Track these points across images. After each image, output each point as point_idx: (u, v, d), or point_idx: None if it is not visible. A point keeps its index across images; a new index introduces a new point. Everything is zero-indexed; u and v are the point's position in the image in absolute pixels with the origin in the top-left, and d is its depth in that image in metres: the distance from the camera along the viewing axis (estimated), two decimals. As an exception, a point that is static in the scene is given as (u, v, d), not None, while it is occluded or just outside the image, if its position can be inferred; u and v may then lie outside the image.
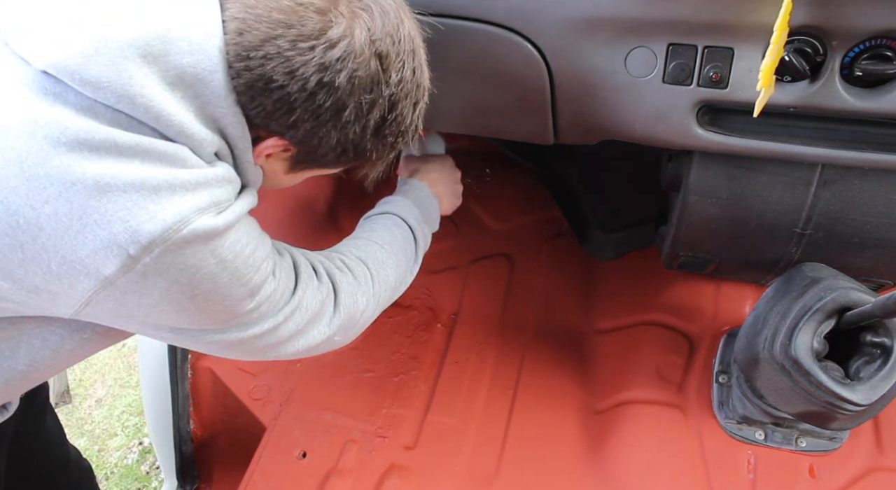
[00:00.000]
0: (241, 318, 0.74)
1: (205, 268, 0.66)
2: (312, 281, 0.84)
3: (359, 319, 0.90)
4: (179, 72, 0.64)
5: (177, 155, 0.65)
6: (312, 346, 0.85)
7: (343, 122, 0.70)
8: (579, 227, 1.72)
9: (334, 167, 0.80)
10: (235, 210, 0.69)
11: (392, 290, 0.97)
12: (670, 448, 1.22)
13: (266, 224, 1.55)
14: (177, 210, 0.63)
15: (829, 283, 1.00)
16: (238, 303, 0.71)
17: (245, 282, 0.70)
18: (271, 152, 0.74)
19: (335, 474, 1.27)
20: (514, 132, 1.08)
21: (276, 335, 0.79)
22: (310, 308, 0.82)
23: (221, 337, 0.74)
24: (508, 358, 1.46)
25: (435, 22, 0.93)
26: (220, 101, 0.67)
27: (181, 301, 0.67)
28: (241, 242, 0.69)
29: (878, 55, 0.81)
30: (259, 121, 0.69)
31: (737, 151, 0.94)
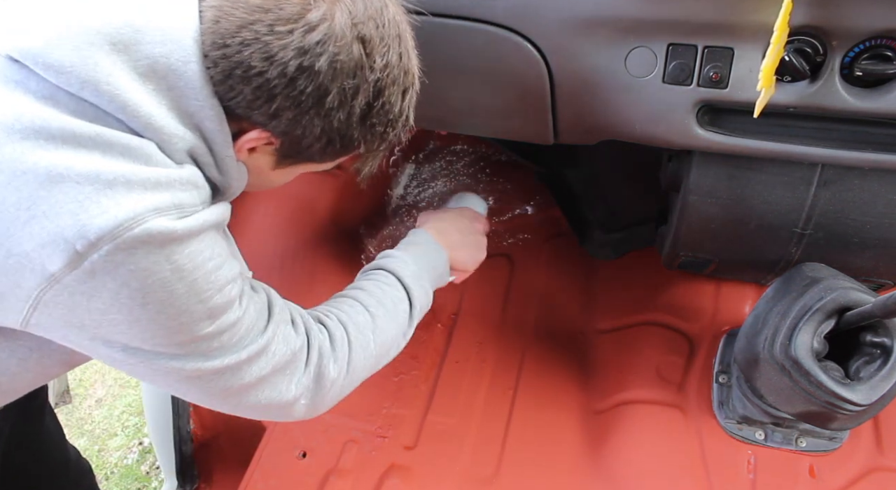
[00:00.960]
0: (200, 345, 0.68)
1: (158, 273, 0.61)
2: (286, 326, 0.78)
3: (328, 389, 0.82)
4: (151, 62, 0.62)
5: (141, 150, 0.62)
6: (276, 404, 0.77)
7: (326, 109, 0.67)
8: (579, 227, 1.72)
9: (323, 161, 0.76)
10: (200, 218, 0.64)
11: (374, 360, 0.89)
12: (670, 448, 1.22)
13: (266, 225, 1.56)
14: (131, 207, 0.59)
15: (829, 283, 1.00)
16: (196, 323, 0.65)
17: (204, 299, 0.65)
18: (254, 145, 0.70)
19: (335, 474, 1.27)
20: (514, 132, 1.08)
21: (237, 376, 0.72)
22: (278, 354, 0.75)
23: (177, 365, 0.68)
24: (508, 358, 1.46)
25: (435, 22, 0.93)
26: (196, 92, 0.64)
27: (132, 308, 0.62)
28: (203, 255, 0.64)
29: (878, 55, 0.81)
30: (240, 111, 0.67)
31: (737, 151, 0.94)
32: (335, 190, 1.63)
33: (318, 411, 0.83)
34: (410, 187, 1.89)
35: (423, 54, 0.99)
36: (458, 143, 1.92)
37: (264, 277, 1.47)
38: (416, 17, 0.77)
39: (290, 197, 1.58)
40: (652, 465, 1.21)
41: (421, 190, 1.88)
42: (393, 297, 0.92)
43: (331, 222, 1.63)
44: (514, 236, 1.74)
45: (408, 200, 1.86)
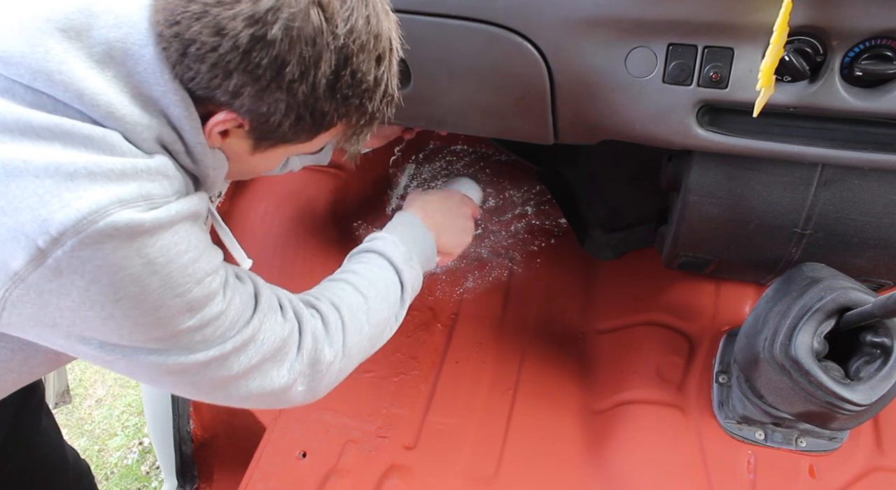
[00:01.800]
0: (181, 339, 0.65)
1: (129, 268, 0.58)
2: (275, 314, 0.75)
3: (325, 373, 0.80)
4: (107, 48, 0.60)
5: (105, 140, 0.59)
6: (269, 392, 0.75)
7: (287, 81, 0.63)
8: (579, 227, 1.72)
9: (301, 140, 0.71)
10: (172, 209, 0.61)
11: (368, 341, 0.87)
12: (670, 448, 1.22)
13: (266, 225, 1.56)
14: (94, 199, 0.56)
15: (829, 283, 1.00)
16: (174, 317, 0.63)
17: (181, 293, 0.62)
18: (224, 128, 0.67)
19: (335, 474, 1.27)
20: (514, 132, 1.08)
21: (225, 367, 0.69)
22: (267, 342, 0.73)
23: (159, 360, 0.65)
24: (508, 358, 1.46)
25: (435, 22, 0.93)
26: (156, 77, 0.61)
27: (104, 305, 0.59)
28: (177, 248, 0.62)
29: (878, 55, 0.81)
30: (202, 92, 0.63)
31: (737, 151, 0.94)
32: (335, 190, 1.63)
33: (318, 395, 0.81)
34: (410, 187, 1.89)
35: (423, 54, 0.99)
36: (458, 143, 1.92)
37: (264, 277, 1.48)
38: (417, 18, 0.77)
39: (289, 196, 1.58)
40: (652, 465, 1.21)
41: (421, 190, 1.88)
42: (384, 279, 0.90)
43: (331, 222, 1.63)
44: (514, 236, 1.74)
45: (408, 200, 1.86)
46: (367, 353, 0.88)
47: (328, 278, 0.91)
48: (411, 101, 1.05)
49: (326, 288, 0.87)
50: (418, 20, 0.93)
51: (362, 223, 1.68)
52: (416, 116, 1.12)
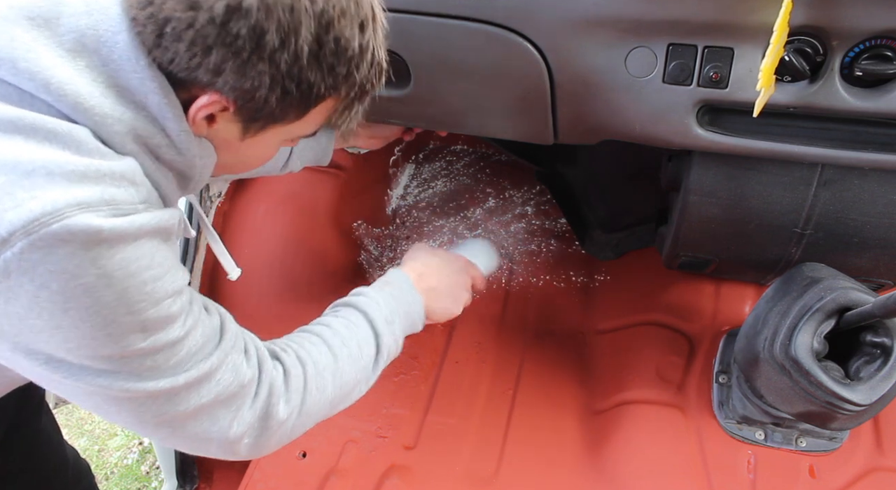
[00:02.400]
0: (131, 362, 0.60)
1: (82, 277, 0.54)
2: (238, 354, 0.70)
3: (275, 430, 0.74)
4: (78, 36, 0.57)
5: (70, 136, 0.56)
6: (215, 438, 0.69)
7: (269, 51, 0.60)
8: (579, 227, 1.72)
9: (290, 118, 0.68)
10: (136, 222, 0.57)
11: (329, 404, 0.81)
12: (670, 448, 1.22)
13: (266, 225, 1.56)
14: (50, 200, 0.53)
15: (829, 283, 1.00)
16: (125, 336, 0.59)
17: (136, 311, 0.58)
18: (209, 112, 0.64)
19: (335, 474, 1.27)
20: (514, 132, 1.08)
21: (173, 402, 0.64)
22: (223, 383, 0.67)
23: (105, 383, 0.60)
24: (508, 358, 1.46)
25: (435, 22, 0.93)
26: (132, 64, 0.58)
27: (53, 313, 0.55)
28: (138, 263, 0.57)
29: (878, 55, 0.81)
30: (183, 75, 0.60)
31: (737, 151, 0.94)
32: (335, 190, 1.63)
33: (263, 452, 0.75)
34: (410, 187, 1.89)
35: (423, 54, 0.99)
36: (458, 143, 1.92)
37: (264, 277, 1.48)
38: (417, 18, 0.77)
39: (290, 197, 1.58)
40: (652, 465, 1.21)
41: (421, 190, 1.88)
42: (359, 340, 0.85)
43: (331, 222, 1.63)
44: (514, 236, 1.74)
45: (408, 200, 1.86)
46: (326, 414, 0.82)
47: (302, 328, 0.85)
48: (411, 101, 1.05)
49: (297, 339, 0.82)
50: (418, 20, 0.93)
51: (362, 223, 1.68)
52: (416, 116, 1.12)
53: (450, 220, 1.79)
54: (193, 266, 1.39)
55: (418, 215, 1.81)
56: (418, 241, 1.74)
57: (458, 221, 1.79)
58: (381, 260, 1.70)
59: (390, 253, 1.73)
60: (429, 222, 1.79)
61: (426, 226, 1.78)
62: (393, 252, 1.73)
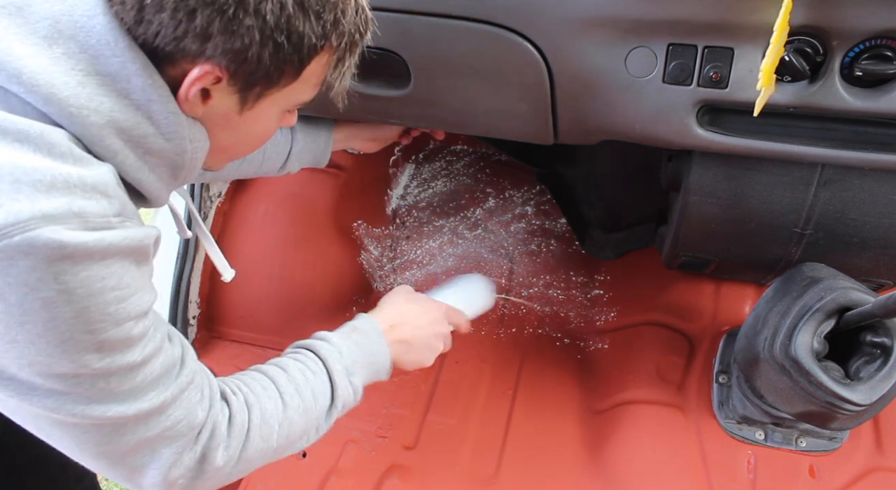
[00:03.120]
0: (83, 382, 0.57)
1: (41, 291, 0.52)
2: (194, 392, 0.67)
3: (211, 475, 0.70)
4: (53, 22, 0.55)
5: (42, 138, 0.53)
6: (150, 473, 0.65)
7: (253, 4, 0.58)
8: (579, 227, 1.72)
9: (287, 77, 0.65)
10: (106, 240, 0.54)
11: (272, 452, 0.77)
12: (670, 448, 1.22)
13: (266, 224, 1.56)
14: (14, 210, 0.50)
15: (829, 283, 1.00)
16: (81, 353, 0.56)
17: (95, 330, 0.56)
18: (202, 85, 0.61)
19: (335, 474, 1.27)
20: (514, 132, 1.08)
21: (119, 433, 0.61)
22: (173, 419, 0.64)
23: (54, 405, 0.58)
24: (508, 358, 1.46)
25: (435, 22, 0.93)
26: (111, 49, 0.56)
27: (10, 327, 0.53)
28: (104, 282, 0.55)
29: (878, 55, 0.81)
30: (171, 48, 0.58)
31: (737, 151, 0.94)
32: (335, 190, 1.63)
33: None
34: (410, 187, 1.89)
35: (423, 54, 0.99)
36: (458, 143, 1.92)
37: (264, 278, 1.48)
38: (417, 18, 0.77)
39: (289, 196, 1.58)
40: (652, 465, 1.21)
41: (421, 190, 1.88)
42: (314, 389, 0.81)
43: (331, 222, 1.63)
44: (514, 236, 1.74)
45: (408, 200, 1.86)
46: (268, 461, 0.78)
47: (257, 367, 0.82)
48: (411, 101, 1.05)
49: (248, 381, 0.78)
50: (418, 20, 0.93)
51: (362, 223, 1.68)
52: (416, 117, 1.12)
53: (450, 220, 1.79)
54: (193, 266, 1.39)
55: (418, 215, 1.81)
56: (418, 240, 1.74)
57: (458, 221, 1.79)
58: (381, 260, 1.70)
59: (390, 253, 1.73)
60: (429, 222, 1.79)
61: (426, 226, 1.78)
62: (393, 252, 1.73)
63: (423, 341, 0.95)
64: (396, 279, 1.67)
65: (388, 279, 1.67)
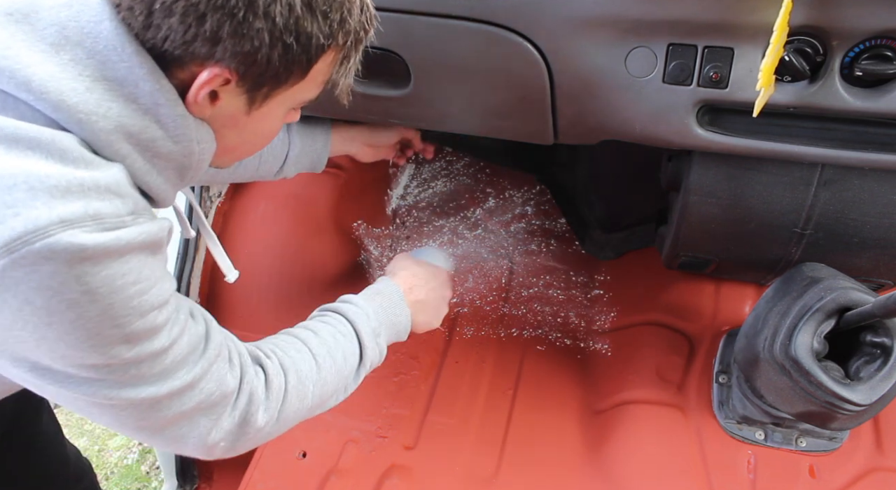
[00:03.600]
0: (115, 371, 0.60)
1: (65, 293, 0.54)
2: (222, 363, 0.70)
3: (252, 436, 0.74)
4: (59, 28, 0.56)
5: (54, 144, 0.54)
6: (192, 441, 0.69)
7: (263, 7, 0.58)
8: (579, 227, 1.72)
9: (294, 77, 0.66)
10: (123, 238, 0.56)
11: (308, 411, 0.82)
12: (670, 448, 1.22)
13: (266, 224, 1.56)
14: (32, 218, 0.51)
15: (829, 283, 1.00)
16: (110, 347, 0.58)
17: (121, 324, 0.57)
18: (211, 88, 0.61)
19: (335, 474, 1.27)
20: (514, 132, 1.08)
21: (155, 410, 0.64)
22: (206, 392, 0.67)
23: (90, 390, 0.60)
24: (508, 358, 1.46)
25: (435, 22, 0.93)
26: (118, 54, 0.56)
27: (38, 327, 0.55)
28: (124, 279, 0.56)
29: (878, 55, 0.81)
30: (180, 52, 0.58)
31: (737, 151, 0.94)
32: (335, 190, 1.63)
33: (238, 452, 0.76)
34: (410, 187, 1.89)
35: (423, 54, 0.99)
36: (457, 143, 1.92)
37: (264, 277, 1.48)
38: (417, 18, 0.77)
39: (290, 196, 1.58)
40: (652, 465, 1.21)
41: (421, 190, 1.88)
42: (344, 349, 0.85)
43: (331, 222, 1.63)
44: (514, 236, 1.74)
45: (408, 200, 1.86)
46: (301, 419, 0.82)
47: (286, 331, 0.85)
48: (411, 101, 1.05)
49: (281, 344, 0.81)
50: (418, 20, 0.93)
51: (362, 223, 1.68)
52: (416, 117, 1.12)
53: (450, 220, 1.79)
54: (193, 266, 1.39)
55: (418, 215, 1.81)
56: (418, 240, 1.74)
57: (458, 221, 1.79)
58: (381, 260, 1.70)
59: (390, 253, 1.72)
60: (429, 222, 1.79)
61: (426, 226, 1.78)
62: (393, 252, 1.73)
63: (435, 303, 1.01)
64: (396, 279, 1.67)
65: (388, 279, 1.67)
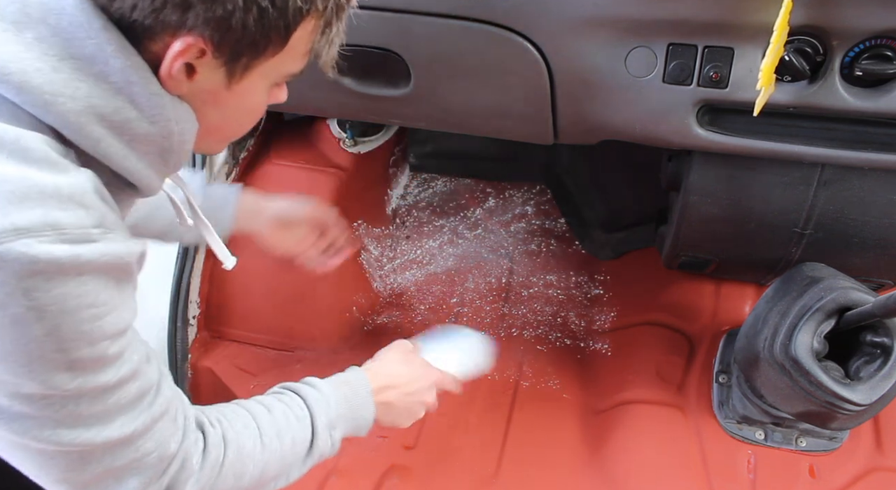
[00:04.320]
0: (50, 406, 0.54)
1: (10, 308, 0.49)
2: (168, 422, 0.63)
3: None
4: (21, 6, 0.52)
5: (17, 143, 0.50)
6: None
7: None
8: (579, 227, 1.72)
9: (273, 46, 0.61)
10: (84, 254, 0.51)
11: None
12: (670, 448, 1.22)
13: (266, 224, 1.55)
14: None
15: (829, 283, 1.00)
16: (50, 374, 0.52)
17: (67, 349, 0.52)
18: (186, 60, 0.56)
19: (335, 474, 1.27)
20: (514, 132, 1.08)
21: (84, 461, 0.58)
22: (142, 451, 0.60)
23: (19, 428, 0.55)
24: (508, 358, 1.46)
25: (435, 22, 0.93)
26: (84, 30, 0.53)
27: None
28: (79, 300, 0.51)
29: (878, 55, 0.81)
30: (150, 21, 0.54)
31: (737, 151, 0.94)
32: (335, 190, 1.63)
33: None
34: (410, 187, 1.89)
35: (423, 54, 0.99)
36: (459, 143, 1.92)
37: (264, 278, 1.48)
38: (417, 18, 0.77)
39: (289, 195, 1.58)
40: (652, 465, 1.21)
41: (421, 190, 1.88)
42: (295, 436, 0.78)
43: (331, 222, 1.63)
44: (514, 236, 1.74)
45: (408, 200, 1.86)
46: None
47: (238, 402, 0.78)
48: (411, 101, 1.05)
49: (229, 414, 0.75)
50: (418, 20, 0.93)
51: (362, 223, 1.68)
52: (416, 116, 1.12)
53: (450, 220, 1.79)
54: (193, 266, 1.39)
55: (418, 215, 1.81)
56: (418, 240, 1.74)
57: (458, 221, 1.79)
58: (381, 260, 1.70)
59: (390, 253, 1.73)
60: (429, 222, 1.79)
61: (426, 226, 1.78)
62: (393, 252, 1.73)
63: (407, 407, 0.94)
64: (396, 279, 1.67)
65: (388, 279, 1.67)
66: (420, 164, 1.89)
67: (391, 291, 1.64)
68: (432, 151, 1.88)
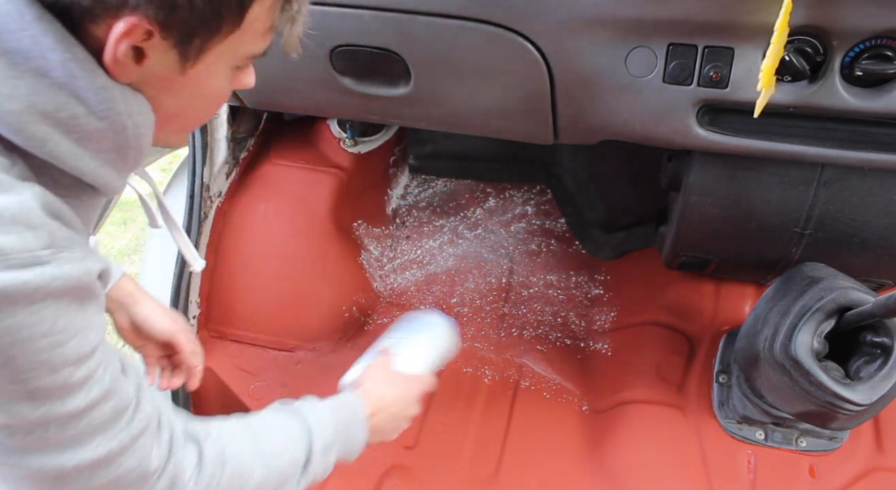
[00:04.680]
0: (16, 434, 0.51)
1: None
2: (150, 436, 0.59)
3: None
4: None
5: None
6: None
7: None
8: (579, 227, 1.72)
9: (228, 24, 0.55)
10: (34, 280, 0.46)
11: None
12: (670, 448, 1.22)
13: (266, 224, 1.56)
14: None
15: (829, 283, 1.00)
16: (10, 404, 0.49)
17: (24, 380, 0.48)
18: (132, 43, 0.51)
19: (335, 474, 1.26)
20: (514, 132, 1.08)
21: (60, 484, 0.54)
22: (123, 469, 0.56)
23: None
24: (508, 358, 1.46)
25: (435, 22, 0.93)
26: (18, 23, 0.48)
27: None
28: (33, 329, 0.47)
29: (878, 55, 0.81)
30: (88, 3, 0.49)
31: (737, 151, 0.94)
32: (335, 190, 1.63)
33: None
34: (410, 187, 1.89)
35: (423, 54, 0.99)
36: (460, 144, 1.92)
37: (264, 278, 1.48)
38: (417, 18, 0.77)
39: (289, 196, 1.58)
40: (652, 465, 1.21)
41: (421, 190, 1.88)
42: (291, 457, 0.77)
43: (330, 222, 1.63)
44: (514, 236, 1.74)
45: (408, 200, 1.86)
46: None
47: (239, 418, 0.76)
48: (411, 101, 1.05)
49: (228, 431, 0.72)
50: (418, 20, 0.93)
51: (362, 223, 1.68)
52: (416, 116, 1.12)
53: (450, 220, 1.79)
54: (193, 266, 1.39)
55: (418, 215, 1.81)
56: (418, 240, 1.74)
57: (458, 221, 1.79)
58: (381, 260, 1.70)
59: (390, 253, 1.73)
60: (429, 222, 1.79)
61: (426, 226, 1.78)
62: (393, 252, 1.73)
63: (394, 425, 0.95)
64: (396, 279, 1.67)
65: (388, 279, 1.67)
66: (419, 166, 1.89)
67: (391, 291, 1.64)
68: (432, 152, 1.88)
